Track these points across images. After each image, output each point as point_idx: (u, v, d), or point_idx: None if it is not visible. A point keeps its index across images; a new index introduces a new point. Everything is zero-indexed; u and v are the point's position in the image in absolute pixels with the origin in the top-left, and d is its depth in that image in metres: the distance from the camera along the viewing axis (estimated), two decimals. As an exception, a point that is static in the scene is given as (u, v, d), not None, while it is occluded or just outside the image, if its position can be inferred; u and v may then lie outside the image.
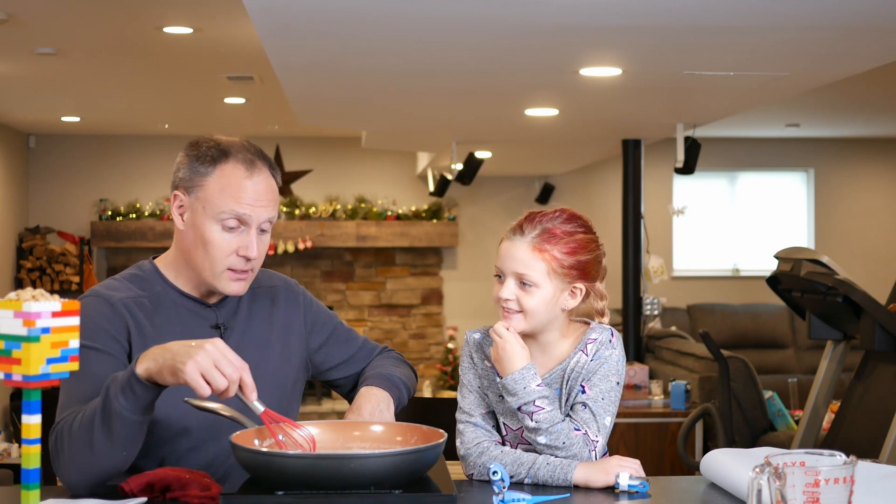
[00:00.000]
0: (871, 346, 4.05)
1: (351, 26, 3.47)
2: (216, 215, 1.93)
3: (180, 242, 2.01)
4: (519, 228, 1.95)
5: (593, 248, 1.96)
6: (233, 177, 1.94)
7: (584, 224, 1.98)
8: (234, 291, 1.98)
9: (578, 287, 1.95)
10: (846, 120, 8.52)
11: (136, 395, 1.70)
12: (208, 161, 1.95)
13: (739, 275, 9.73)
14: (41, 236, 8.80)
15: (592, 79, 4.46)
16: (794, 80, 4.49)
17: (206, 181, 1.95)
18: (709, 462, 1.90)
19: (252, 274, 2.00)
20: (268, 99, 6.97)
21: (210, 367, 1.65)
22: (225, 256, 1.94)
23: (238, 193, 1.93)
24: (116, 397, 1.70)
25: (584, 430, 1.89)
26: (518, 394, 1.88)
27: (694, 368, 5.81)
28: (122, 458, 1.76)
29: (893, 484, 1.73)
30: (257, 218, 1.95)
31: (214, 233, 1.94)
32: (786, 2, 3.14)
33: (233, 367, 1.67)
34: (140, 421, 1.73)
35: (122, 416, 1.70)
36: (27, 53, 5.40)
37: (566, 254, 1.92)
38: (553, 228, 1.93)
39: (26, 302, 1.31)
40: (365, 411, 2.00)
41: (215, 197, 1.93)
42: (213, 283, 1.97)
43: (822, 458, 1.38)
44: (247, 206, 1.93)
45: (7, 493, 1.87)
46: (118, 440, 1.73)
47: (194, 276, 2.00)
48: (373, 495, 1.50)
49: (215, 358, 1.67)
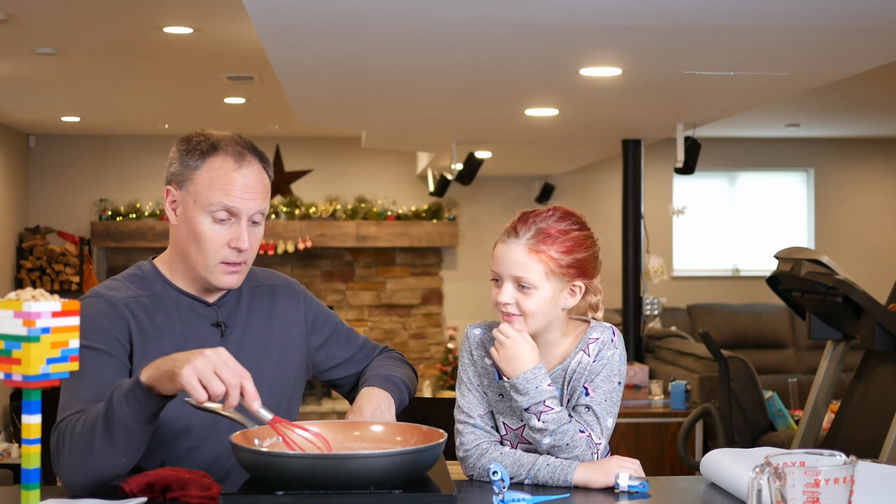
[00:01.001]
0: (871, 346, 4.05)
1: (351, 26, 3.48)
2: (206, 208, 1.94)
3: (175, 238, 2.03)
4: (513, 230, 1.93)
5: (589, 245, 1.94)
6: (221, 169, 1.95)
7: (579, 221, 1.96)
8: (228, 284, 1.99)
9: (577, 285, 1.93)
10: (846, 120, 8.52)
11: (140, 403, 1.70)
12: (198, 154, 1.97)
13: (739, 275, 9.73)
14: (41, 236, 8.80)
15: (592, 79, 4.46)
16: (793, 80, 4.49)
17: (195, 174, 1.96)
18: (709, 462, 1.90)
19: (245, 267, 2.01)
20: (268, 99, 6.97)
21: (208, 372, 1.64)
22: (217, 249, 1.95)
23: (227, 185, 1.94)
24: (120, 404, 1.70)
25: (587, 433, 1.89)
26: (529, 393, 1.86)
27: (694, 368, 5.81)
28: (123, 463, 1.76)
29: (893, 484, 1.73)
30: (247, 210, 1.96)
31: (205, 226, 1.95)
32: (786, 2, 3.14)
33: (232, 372, 1.66)
34: (142, 429, 1.73)
35: (124, 422, 1.70)
36: (27, 53, 5.40)
37: (563, 253, 1.90)
38: (548, 228, 1.91)
39: (26, 302, 1.31)
40: (366, 412, 1.99)
41: (205, 190, 1.95)
42: (208, 276, 1.98)
43: (822, 458, 1.38)
44: (236, 199, 1.94)
45: (7, 493, 1.87)
46: (119, 446, 1.73)
47: (190, 271, 2.00)
48: (373, 495, 1.50)
49: (215, 364, 1.66)
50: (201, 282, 2.01)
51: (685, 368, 5.95)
